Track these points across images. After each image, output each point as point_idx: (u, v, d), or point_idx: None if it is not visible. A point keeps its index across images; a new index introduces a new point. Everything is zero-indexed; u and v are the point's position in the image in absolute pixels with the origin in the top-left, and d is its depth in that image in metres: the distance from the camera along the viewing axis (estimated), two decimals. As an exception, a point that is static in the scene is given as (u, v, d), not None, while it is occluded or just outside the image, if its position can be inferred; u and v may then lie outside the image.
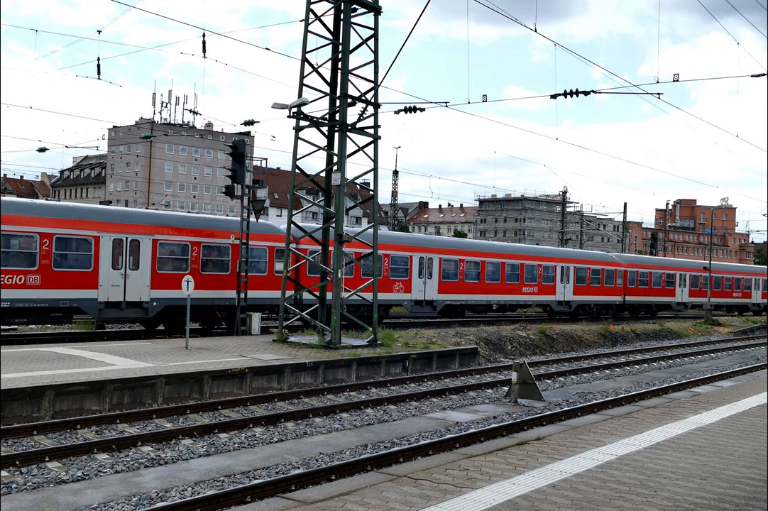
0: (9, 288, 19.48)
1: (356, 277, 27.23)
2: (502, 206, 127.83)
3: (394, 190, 65.31)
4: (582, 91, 18.53)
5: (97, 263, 21.22)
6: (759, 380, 16.22)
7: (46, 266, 20.29)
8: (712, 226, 64.20)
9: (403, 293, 29.62)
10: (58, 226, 20.58)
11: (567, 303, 39.08)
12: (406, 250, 30.08)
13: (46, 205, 21.35)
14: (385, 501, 6.26)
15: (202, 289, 22.70)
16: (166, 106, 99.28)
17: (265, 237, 25.08)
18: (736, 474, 7.42)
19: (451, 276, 32.01)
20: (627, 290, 42.55)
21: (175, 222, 23.63)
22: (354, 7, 20.25)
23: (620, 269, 42.37)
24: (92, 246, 21.21)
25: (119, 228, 21.77)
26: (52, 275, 20.39)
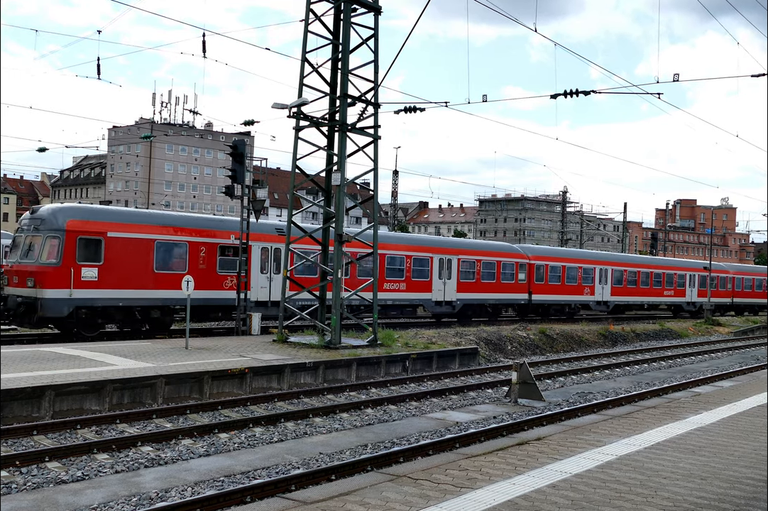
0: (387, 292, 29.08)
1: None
2: (502, 206, 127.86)
3: (394, 190, 65.30)
4: (582, 91, 18.52)
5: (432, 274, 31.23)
6: (759, 380, 16.21)
7: (408, 277, 30.14)
8: (712, 226, 64.17)
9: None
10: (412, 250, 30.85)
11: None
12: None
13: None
14: (385, 501, 6.26)
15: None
16: (166, 106, 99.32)
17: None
18: (736, 474, 7.42)
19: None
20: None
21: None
22: (354, 7, 20.25)
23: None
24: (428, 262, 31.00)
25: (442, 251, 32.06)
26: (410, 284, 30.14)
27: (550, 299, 37.81)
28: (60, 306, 20.02)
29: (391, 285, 29.57)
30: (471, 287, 33.14)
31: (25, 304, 20.12)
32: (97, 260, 20.96)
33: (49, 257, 20.38)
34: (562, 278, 38.24)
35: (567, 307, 39.67)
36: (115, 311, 21.58)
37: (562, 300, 38.60)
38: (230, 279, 23.78)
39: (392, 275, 29.66)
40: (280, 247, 24.87)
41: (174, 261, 22.64)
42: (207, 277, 23.12)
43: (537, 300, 36.75)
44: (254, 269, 24.55)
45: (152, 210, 25.93)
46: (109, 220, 21.69)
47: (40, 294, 19.94)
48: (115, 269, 21.18)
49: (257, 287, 24.64)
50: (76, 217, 21.03)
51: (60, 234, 20.44)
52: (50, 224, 20.73)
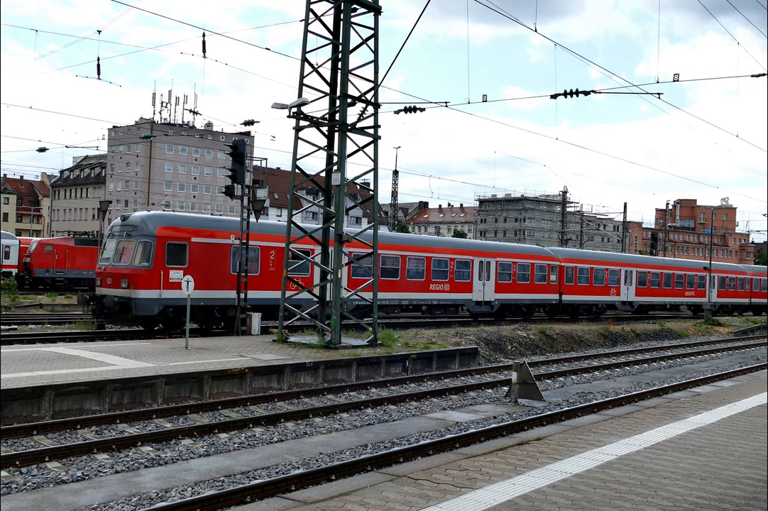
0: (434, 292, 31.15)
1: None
2: (502, 206, 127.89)
3: (394, 190, 65.32)
4: (582, 91, 18.52)
5: (472, 276, 32.99)
6: (759, 380, 16.22)
7: (452, 278, 31.91)
8: (712, 226, 64.16)
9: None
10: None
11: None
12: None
13: None
14: (385, 501, 6.26)
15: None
16: (166, 106, 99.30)
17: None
18: (736, 474, 7.42)
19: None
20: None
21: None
22: (354, 7, 20.24)
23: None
24: (470, 265, 33.06)
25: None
26: (453, 285, 32.11)
27: (579, 299, 39.73)
28: (151, 305, 21.68)
29: (437, 286, 31.44)
30: (508, 287, 35.01)
31: (121, 303, 21.72)
32: (183, 263, 22.65)
33: (142, 260, 22.16)
34: (590, 279, 40.15)
35: (594, 307, 41.61)
36: (197, 309, 23.04)
37: (590, 300, 40.51)
38: (302, 281, 25.27)
39: (437, 277, 31.49)
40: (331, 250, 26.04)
41: (251, 263, 24.39)
42: (275, 278, 24.54)
43: (567, 300, 38.67)
44: (316, 271, 26.09)
45: (227, 217, 28.09)
46: (192, 226, 23.64)
47: (134, 294, 21.63)
48: (198, 271, 22.57)
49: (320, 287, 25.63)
50: (165, 224, 22.87)
51: (151, 239, 22.25)
52: (142, 231, 22.51)
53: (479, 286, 33.44)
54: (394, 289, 29.26)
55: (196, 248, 23.02)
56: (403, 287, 29.40)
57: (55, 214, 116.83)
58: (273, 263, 24.98)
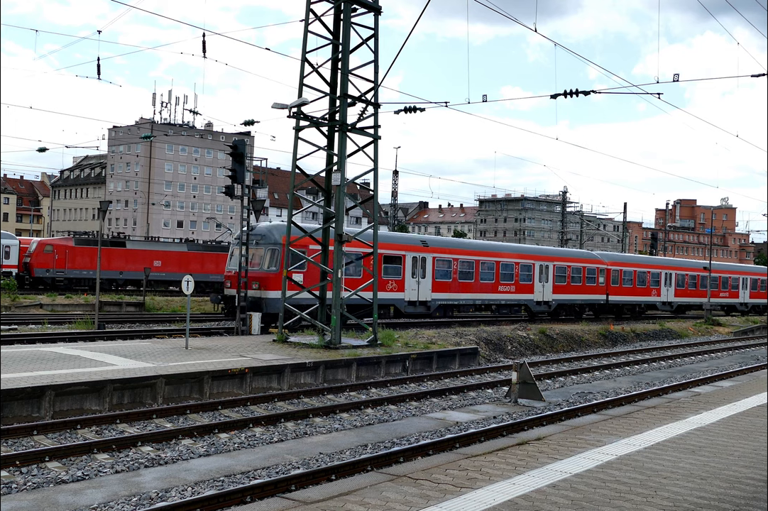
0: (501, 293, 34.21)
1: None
2: (502, 206, 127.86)
3: (394, 190, 65.31)
4: (582, 91, 18.51)
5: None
6: (759, 380, 16.22)
7: (516, 281, 34.84)
8: (712, 226, 64.22)
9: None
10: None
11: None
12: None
13: None
14: (385, 501, 6.26)
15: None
16: (166, 106, 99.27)
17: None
18: (736, 474, 7.42)
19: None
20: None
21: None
22: (354, 7, 20.25)
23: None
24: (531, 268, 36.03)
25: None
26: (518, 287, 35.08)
27: (624, 299, 42.77)
28: (279, 304, 22.96)
29: (504, 288, 34.59)
30: (563, 289, 38.09)
31: (253, 303, 24.44)
32: (302, 268, 25.14)
33: (270, 265, 25.23)
34: (634, 281, 43.08)
35: (637, 306, 44.47)
36: (306, 308, 24.86)
37: (633, 301, 43.54)
38: (391, 282, 28.77)
39: (504, 279, 34.57)
40: (426, 256, 30.38)
41: (354, 268, 27.13)
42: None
43: (613, 301, 41.75)
44: (407, 274, 29.42)
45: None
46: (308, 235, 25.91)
47: (264, 295, 24.52)
48: (313, 275, 24.91)
49: (409, 289, 29.57)
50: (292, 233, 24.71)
51: (278, 247, 25.21)
52: (269, 240, 25.60)
53: (539, 287, 36.48)
54: (470, 290, 32.46)
55: (312, 255, 25.05)
56: (477, 289, 32.75)
57: (55, 214, 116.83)
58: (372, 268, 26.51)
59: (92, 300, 34.49)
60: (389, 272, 28.82)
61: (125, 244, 47.48)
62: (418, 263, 30.06)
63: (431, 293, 29.68)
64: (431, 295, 29.90)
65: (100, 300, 29.49)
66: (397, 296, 28.76)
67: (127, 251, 46.77)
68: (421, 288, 29.99)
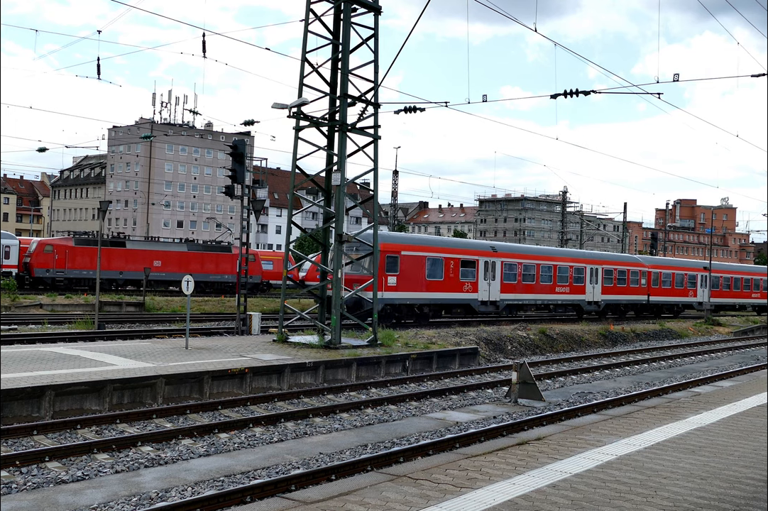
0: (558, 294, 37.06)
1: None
2: (502, 206, 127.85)
3: (394, 190, 65.24)
4: (582, 91, 18.51)
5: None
6: (759, 380, 16.22)
7: (570, 283, 37.94)
8: (712, 226, 64.16)
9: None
10: None
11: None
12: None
13: None
14: (385, 501, 6.26)
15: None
16: (166, 106, 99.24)
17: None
18: (736, 474, 7.42)
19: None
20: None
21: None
22: (354, 7, 20.25)
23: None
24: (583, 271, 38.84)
25: None
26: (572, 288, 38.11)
27: (663, 300, 45.84)
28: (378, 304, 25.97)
29: (560, 289, 37.52)
30: (610, 290, 40.96)
31: (354, 302, 27.18)
32: (396, 271, 28.67)
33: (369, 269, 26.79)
34: (672, 282, 46.15)
35: (675, 306, 47.88)
36: (405, 307, 29.67)
37: (672, 301, 46.71)
38: (467, 284, 31.86)
39: (561, 281, 37.45)
40: (495, 260, 33.48)
41: (436, 271, 30.46)
42: (454, 282, 31.14)
43: (653, 301, 44.65)
44: (480, 277, 32.58)
45: (423, 235, 36.78)
46: (401, 242, 30.19)
47: (364, 295, 26.06)
48: (405, 277, 28.86)
49: (482, 290, 32.71)
50: (385, 241, 28.47)
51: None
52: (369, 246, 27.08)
53: (590, 289, 39.46)
54: (532, 291, 35.49)
55: (404, 259, 29.01)
56: (538, 290, 35.85)
57: (55, 214, 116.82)
58: (452, 271, 31.10)
59: (92, 300, 34.48)
60: (466, 275, 31.89)
61: (125, 244, 47.47)
62: (489, 266, 33.16)
63: (500, 294, 33.36)
64: (500, 295, 33.52)
65: (100, 300, 29.49)
66: (472, 296, 32.16)
67: (127, 251, 46.76)
68: (491, 289, 33.25)
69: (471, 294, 32.13)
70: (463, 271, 31.83)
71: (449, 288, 30.94)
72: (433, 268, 30.28)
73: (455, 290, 31.22)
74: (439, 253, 30.62)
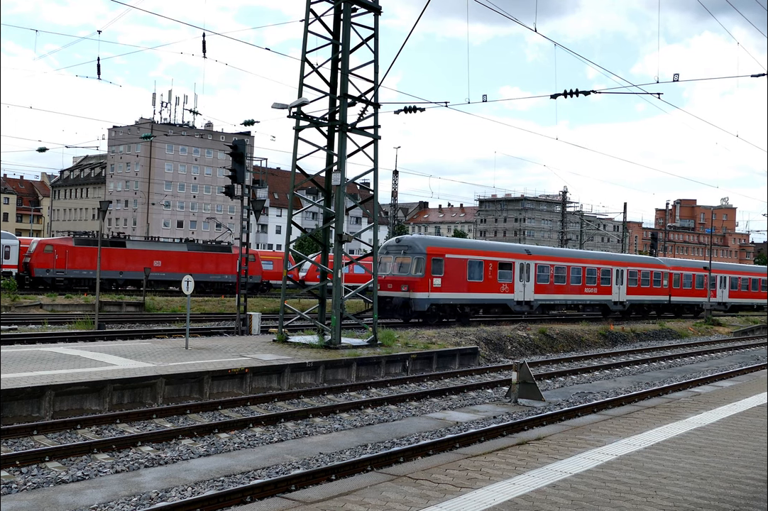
0: (587, 295, 39.51)
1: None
2: (502, 206, 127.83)
3: (394, 190, 65.20)
4: (582, 91, 18.51)
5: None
6: (759, 380, 16.22)
7: (598, 284, 39.98)
8: (712, 226, 64.17)
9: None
10: None
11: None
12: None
13: None
14: (385, 501, 6.26)
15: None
16: (166, 106, 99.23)
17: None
18: (736, 474, 7.42)
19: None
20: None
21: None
22: (354, 7, 20.25)
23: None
24: (610, 273, 41.11)
25: None
26: (599, 289, 40.23)
27: (684, 300, 47.84)
28: (424, 304, 29.99)
29: (589, 289, 39.62)
30: (634, 290, 43.05)
31: (404, 302, 29.95)
32: (441, 273, 30.74)
33: (417, 271, 30.36)
34: (693, 283, 48.27)
35: (695, 306, 49.27)
36: (449, 307, 31.65)
37: (692, 301, 48.45)
38: (504, 285, 33.96)
39: (589, 282, 39.50)
40: (529, 263, 35.47)
41: (477, 273, 32.63)
42: (493, 284, 33.41)
43: (675, 301, 46.72)
44: (516, 279, 34.65)
45: (465, 239, 41.78)
46: (444, 246, 32.45)
47: (412, 296, 29.86)
48: (449, 278, 31.00)
49: (518, 291, 34.75)
50: (430, 245, 31.33)
51: (423, 256, 30.46)
52: (416, 250, 30.80)
53: (616, 289, 41.60)
54: (563, 292, 37.54)
55: (448, 262, 31.21)
56: (568, 290, 37.95)
57: (55, 214, 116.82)
58: (491, 273, 33.32)
59: (92, 300, 34.48)
60: (503, 276, 34.01)
61: (125, 244, 47.46)
62: (524, 268, 35.25)
63: (534, 295, 35.42)
64: (534, 296, 35.55)
65: (100, 300, 29.49)
66: (509, 296, 34.28)
67: (127, 251, 46.76)
68: (526, 290, 35.31)
69: (508, 294, 34.25)
70: (501, 273, 33.93)
71: (488, 289, 33.18)
72: (473, 270, 32.41)
73: (494, 291, 33.45)
74: (479, 256, 32.87)
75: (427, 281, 30.07)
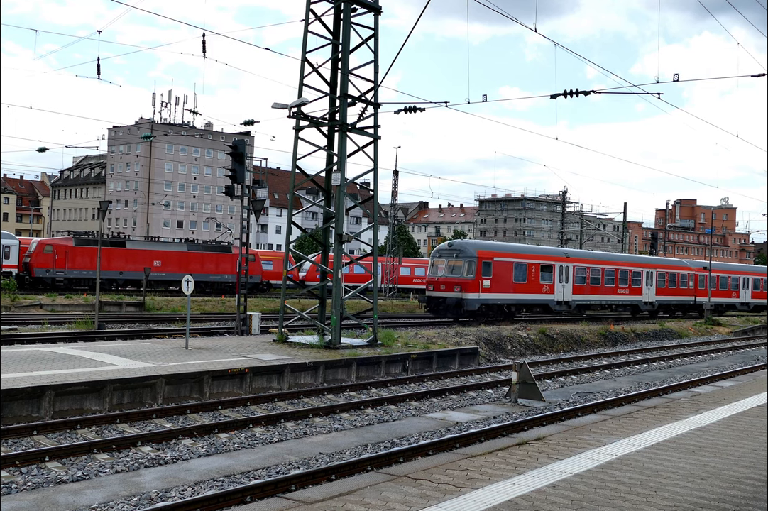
0: (619, 295, 41.91)
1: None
2: (502, 206, 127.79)
3: (394, 190, 65.17)
4: (582, 91, 18.50)
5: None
6: (759, 380, 16.22)
7: (630, 284, 42.36)
8: (712, 226, 64.17)
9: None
10: None
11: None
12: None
13: None
14: (385, 501, 6.26)
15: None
16: (166, 106, 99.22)
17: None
18: (736, 474, 7.42)
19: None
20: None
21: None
22: (354, 7, 20.24)
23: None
24: (641, 274, 43.26)
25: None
26: (631, 289, 42.52)
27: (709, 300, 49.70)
28: (474, 304, 32.50)
29: (621, 290, 41.86)
30: (663, 291, 45.42)
31: (456, 302, 32.22)
32: (489, 275, 33.17)
33: (468, 273, 32.74)
34: (717, 284, 50.04)
35: (720, 306, 51.53)
36: (497, 307, 34.18)
37: (716, 301, 49.90)
38: (545, 286, 36.21)
39: (621, 284, 41.80)
40: (568, 265, 37.81)
41: (521, 275, 34.88)
42: (535, 285, 35.60)
43: (700, 301, 48.29)
44: (556, 280, 36.96)
45: (511, 243, 45.24)
46: (493, 250, 34.84)
47: (464, 296, 32.21)
48: (497, 280, 33.42)
49: (557, 292, 37.06)
50: (480, 249, 33.89)
51: (474, 259, 32.87)
52: (467, 253, 33.27)
53: (646, 290, 43.87)
54: (598, 292, 39.84)
55: (496, 265, 33.65)
56: (603, 291, 40.35)
57: (55, 214, 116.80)
58: (533, 275, 35.34)
59: (92, 300, 34.48)
60: (545, 278, 36.18)
61: (125, 244, 47.47)
62: (563, 270, 37.55)
63: (572, 295, 37.83)
64: (572, 296, 37.90)
65: (100, 300, 29.49)
66: (550, 297, 36.51)
67: (127, 251, 46.76)
68: (565, 291, 37.58)
69: (549, 295, 36.54)
70: (542, 274, 36.19)
71: (531, 290, 35.47)
72: (519, 272, 34.72)
73: (536, 292, 35.77)
74: (523, 259, 35.23)
75: (477, 283, 32.47)
